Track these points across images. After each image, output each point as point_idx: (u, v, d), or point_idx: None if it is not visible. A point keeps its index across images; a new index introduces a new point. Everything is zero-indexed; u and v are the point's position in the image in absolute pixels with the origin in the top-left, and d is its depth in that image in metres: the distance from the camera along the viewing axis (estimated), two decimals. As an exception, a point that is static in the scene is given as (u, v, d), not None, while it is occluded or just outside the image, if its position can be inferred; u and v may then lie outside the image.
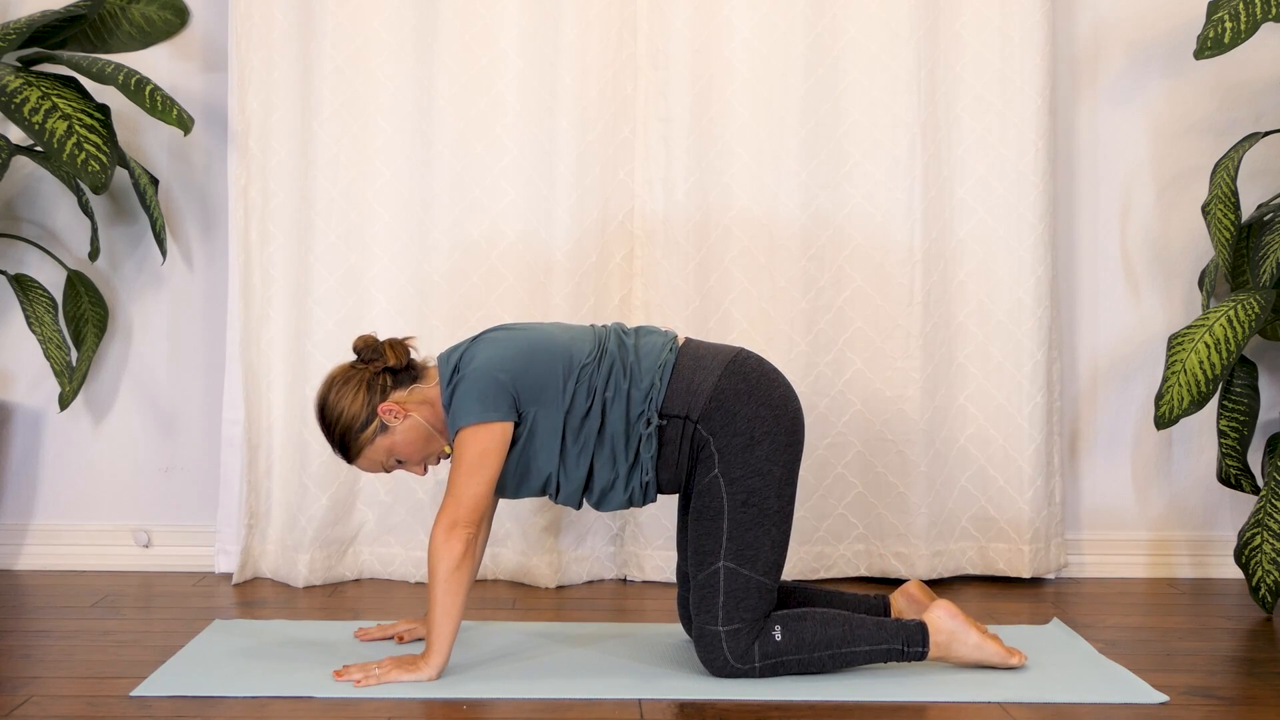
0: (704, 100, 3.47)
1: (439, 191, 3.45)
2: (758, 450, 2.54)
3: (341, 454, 2.63)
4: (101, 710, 2.38)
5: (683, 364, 2.60)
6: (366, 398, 2.58)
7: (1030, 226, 3.47)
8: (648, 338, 2.66)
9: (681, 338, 2.68)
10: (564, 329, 2.67)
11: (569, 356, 2.57)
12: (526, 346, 2.57)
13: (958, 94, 3.50)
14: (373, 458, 2.62)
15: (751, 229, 3.47)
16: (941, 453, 3.50)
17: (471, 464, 2.51)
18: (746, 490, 2.53)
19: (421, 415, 2.60)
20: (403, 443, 2.61)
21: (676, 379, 2.58)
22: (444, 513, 2.51)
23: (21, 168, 3.60)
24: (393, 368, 2.61)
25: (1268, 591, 3.12)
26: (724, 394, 2.55)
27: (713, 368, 2.59)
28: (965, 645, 2.57)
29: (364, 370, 2.60)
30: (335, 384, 2.61)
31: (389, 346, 2.62)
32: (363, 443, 2.59)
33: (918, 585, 2.76)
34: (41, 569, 3.58)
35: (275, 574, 3.46)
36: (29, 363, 3.62)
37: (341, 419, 2.58)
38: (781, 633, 2.52)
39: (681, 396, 2.56)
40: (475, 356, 2.56)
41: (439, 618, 2.50)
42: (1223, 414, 3.38)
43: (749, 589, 2.51)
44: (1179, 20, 3.61)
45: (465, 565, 2.50)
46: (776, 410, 2.58)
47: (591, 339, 2.63)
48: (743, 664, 2.51)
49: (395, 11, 3.45)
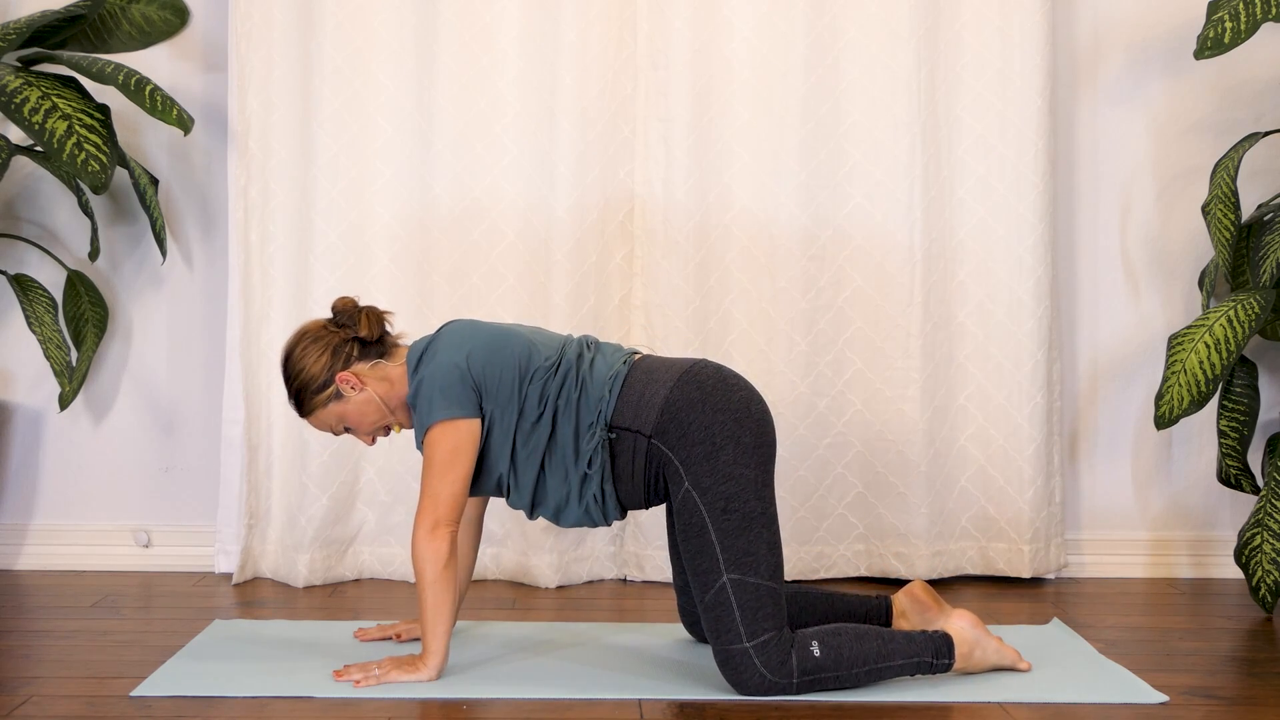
0: (704, 100, 3.47)
1: (439, 191, 3.45)
2: (722, 456, 2.48)
3: (295, 408, 2.64)
4: (101, 710, 2.38)
5: (635, 377, 2.55)
6: (329, 362, 2.58)
7: (1030, 226, 3.47)
8: (606, 352, 2.63)
9: (642, 354, 2.65)
10: (532, 331, 2.64)
11: (528, 358, 2.55)
12: (488, 341, 2.55)
13: (958, 94, 3.50)
14: (324, 419, 2.62)
15: (751, 229, 3.47)
16: (941, 453, 3.50)
17: (444, 462, 2.49)
18: (723, 497, 2.47)
19: (378, 391, 2.59)
20: (354, 413, 2.60)
21: (628, 391, 2.53)
22: (423, 514, 2.49)
23: (21, 168, 3.60)
24: (363, 338, 2.60)
25: (1268, 591, 3.12)
26: (676, 405, 2.50)
27: (665, 380, 2.54)
28: (986, 652, 2.57)
29: (335, 334, 2.60)
30: (305, 340, 2.61)
31: (365, 315, 2.61)
32: (316, 404, 2.60)
33: (923, 587, 2.72)
34: (41, 569, 3.58)
35: (275, 574, 3.46)
36: (29, 363, 3.62)
37: (300, 375, 2.59)
38: (820, 648, 2.45)
39: (632, 409, 2.52)
40: (438, 351, 2.54)
41: (431, 619, 2.50)
42: (1223, 414, 3.38)
43: (760, 596, 2.45)
44: (1179, 20, 3.61)
45: (453, 564, 2.49)
46: (737, 414, 2.51)
47: (555, 347, 2.60)
48: (780, 677, 2.43)
49: (395, 11, 3.45)
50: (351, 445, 3.46)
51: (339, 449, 3.44)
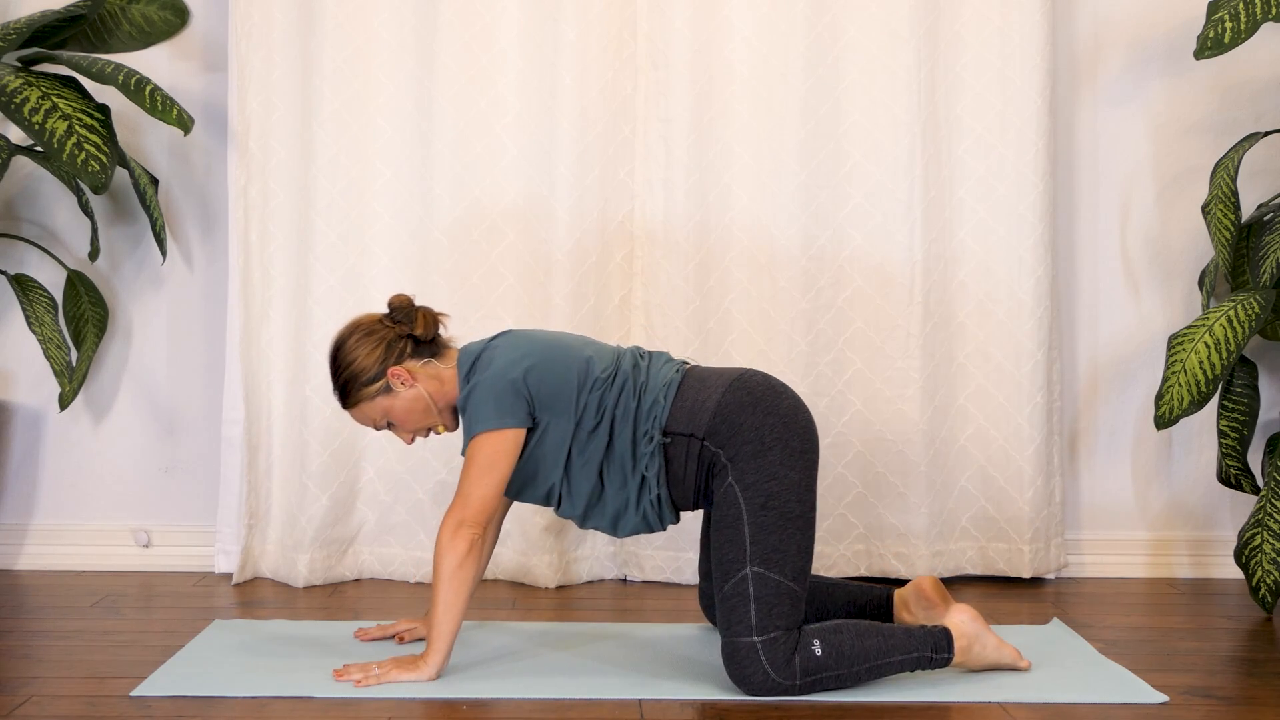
0: (704, 100, 3.47)
1: (439, 191, 3.45)
2: (770, 455, 2.52)
3: (340, 398, 2.65)
4: (101, 710, 2.38)
5: (688, 384, 2.61)
6: (382, 355, 2.60)
7: (1030, 226, 3.47)
8: (659, 361, 2.68)
9: (692, 364, 2.70)
10: (584, 342, 2.68)
11: (586, 368, 2.58)
12: (545, 352, 2.58)
13: (958, 94, 3.50)
14: (368, 412, 2.64)
15: (751, 229, 3.47)
16: (941, 453, 3.50)
17: (482, 467, 2.52)
18: (764, 494, 2.50)
19: (428, 389, 2.62)
20: (401, 409, 2.62)
21: (681, 398, 2.58)
22: (451, 512, 2.52)
23: (21, 168, 3.60)
24: (417, 336, 2.63)
25: (1268, 591, 3.12)
26: (727, 408, 2.55)
27: (716, 386, 2.59)
28: (985, 648, 2.57)
29: (390, 329, 2.62)
30: (358, 331, 2.63)
31: (422, 314, 2.64)
32: (363, 395, 2.61)
33: (933, 584, 2.73)
34: (41, 569, 3.58)
35: (275, 574, 3.46)
36: (29, 363, 3.62)
37: (351, 366, 2.60)
38: (821, 647, 2.46)
39: (686, 414, 2.56)
40: (494, 359, 2.57)
41: (441, 615, 2.51)
42: (1223, 414, 3.38)
43: (780, 594, 2.46)
44: (1179, 20, 3.61)
45: (469, 564, 2.50)
46: (785, 418, 2.56)
47: (610, 356, 2.64)
48: (784, 677, 2.44)
49: (395, 11, 3.45)
50: (351, 445, 3.46)
51: (339, 449, 3.44)
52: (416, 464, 3.46)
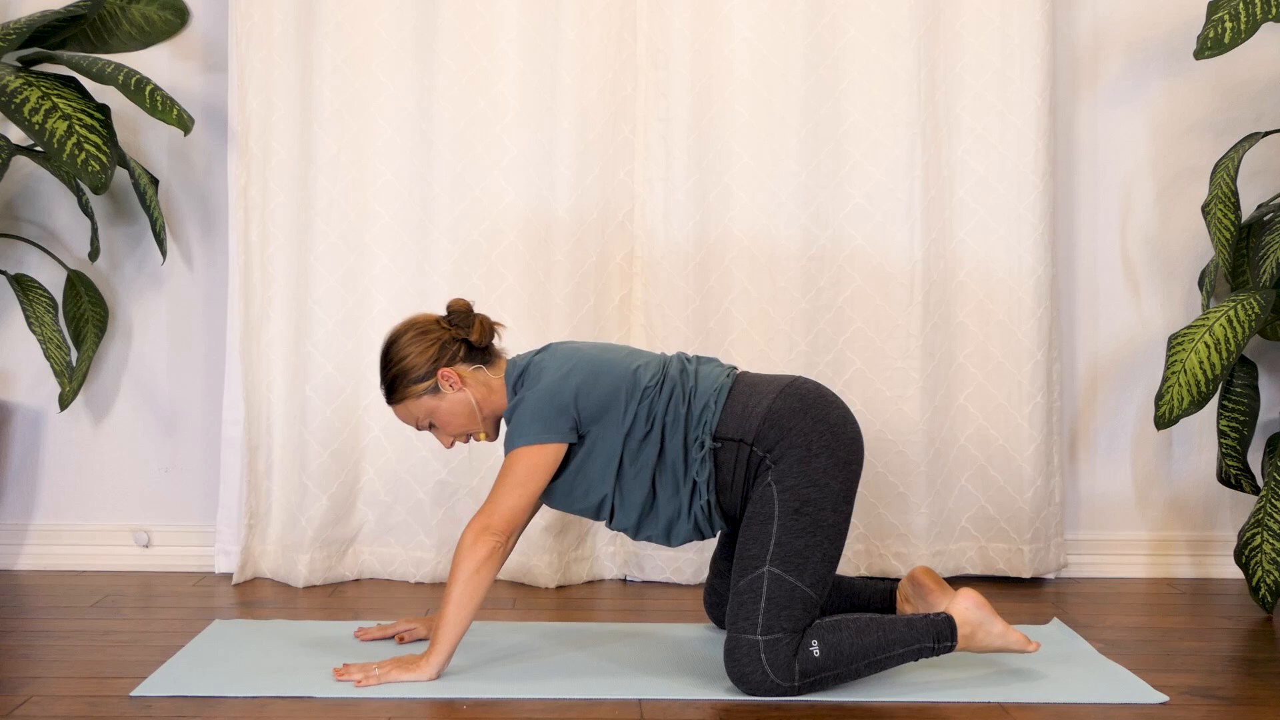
0: (704, 100, 3.47)
1: (439, 191, 3.45)
2: (815, 462, 2.52)
3: (386, 394, 2.66)
4: (101, 710, 2.38)
5: (738, 389, 2.61)
6: (435, 355, 2.61)
7: (1030, 226, 3.47)
8: (707, 366, 2.68)
9: (741, 370, 2.71)
10: (630, 352, 2.68)
11: (634, 379, 2.59)
12: (593, 367, 2.59)
13: (958, 94, 3.50)
14: (412, 410, 2.65)
15: (751, 228, 3.47)
16: (941, 453, 3.50)
17: (518, 478, 2.53)
18: (800, 499, 2.50)
19: (475, 395, 2.63)
20: (445, 411, 2.63)
21: (731, 403, 2.58)
22: (479, 517, 2.53)
23: (21, 168, 3.60)
24: (472, 342, 2.64)
25: (1268, 591, 3.12)
26: (777, 413, 2.55)
27: (767, 392, 2.59)
28: (990, 635, 2.56)
29: (446, 331, 2.64)
30: (414, 329, 2.64)
31: (479, 321, 2.65)
32: (409, 393, 2.62)
33: (925, 571, 2.72)
34: (41, 569, 3.58)
35: (275, 574, 3.46)
36: (29, 363, 3.62)
37: (402, 363, 2.61)
38: (819, 647, 2.46)
39: (736, 419, 2.56)
40: (543, 373, 2.58)
41: (449, 617, 2.50)
42: (1223, 414, 3.38)
43: (793, 598, 2.47)
44: (1179, 20, 3.61)
45: (486, 570, 2.51)
46: (835, 427, 2.57)
47: (657, 364, 2.64)
48: (784, 679, 2.44)
49: (395, 11, 3.45)
50: (351, 445, 3.46)
51: (339, 449, 3.44)
52: (416, 464, 3.46)
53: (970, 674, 2.61)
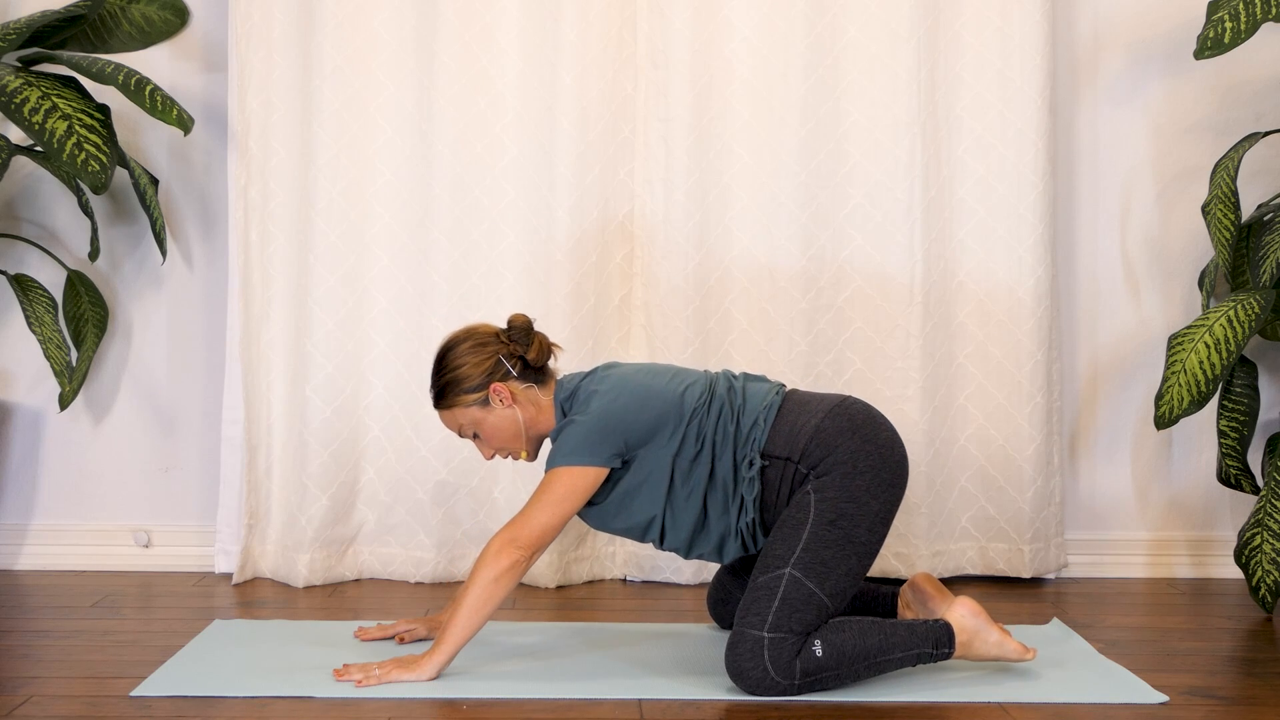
0: (704, 100, 3.47)
1: (439, 191, 3.45)
2: (858, 480, 2.53)
3: (435, 398, 2.66)
4: (101, 710, 2.38)
5: (787, 408, 2.61)
6: (490, 368, 2.62)
7: (1030, 226, 3.47)
8: (755, 383, 2.68)
9: (790, 388, 2.71)
10: (675, 373, 2.67)
11: (680, 403, 2.59)
12: (640, 394, 2.58)
13: (958, 94, 3.50)
14: (458, 418, 2.65)
15: (751, 229, 3.47)
16: (941, 453, 3.50)
17: (555, 496, 2.53)
18: (837, 511, 2.51)
19: (524, 413, 2.64)
20: (492, 425, 2.64)
21: (780, 421, 2.59)
22: (509, 528, 2.52)
23: (21, 168, 3.60)
24: (528, 360, 2.64)
25: (1268, 591, 3.12)
26: (825, 432, 2.56)
27: (816, 410, 2.59)
28: (986, 643, 2.56)
29: (504, 346, 2.64)
30: (473, 339, 2.65)
31: (538, 340, 2.66)
32: (459, 401, 2.63)
33: (925, 578, 2.74)
34: (41, 569, 3.58)
35: (275, 574, 3.46)
36: (29, 363, 3.62)
37: (457, 371, 2.62)
38: (822, 647, 2.46)
39: (784, 438, 2.57)
40: (591, 398, 2.58)
41: (460, 620, 2.50)
42: (1223, 414, 3.38)
43: (808, 603, 2.47)
44: (1179, 20, 3.61)
45: (505, 582, 2.50)
46: (882, 449, 2.57)
47: (703, 383, 2.64)
48: (784, 677, 2.44)
49: (395, 11, 3.45)
50: (351, 445, 3.46)
51: (339, 449, 3.44)
52: (416, 464, 3.46)
53: (970, 674, 2.61)
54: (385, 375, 3.47)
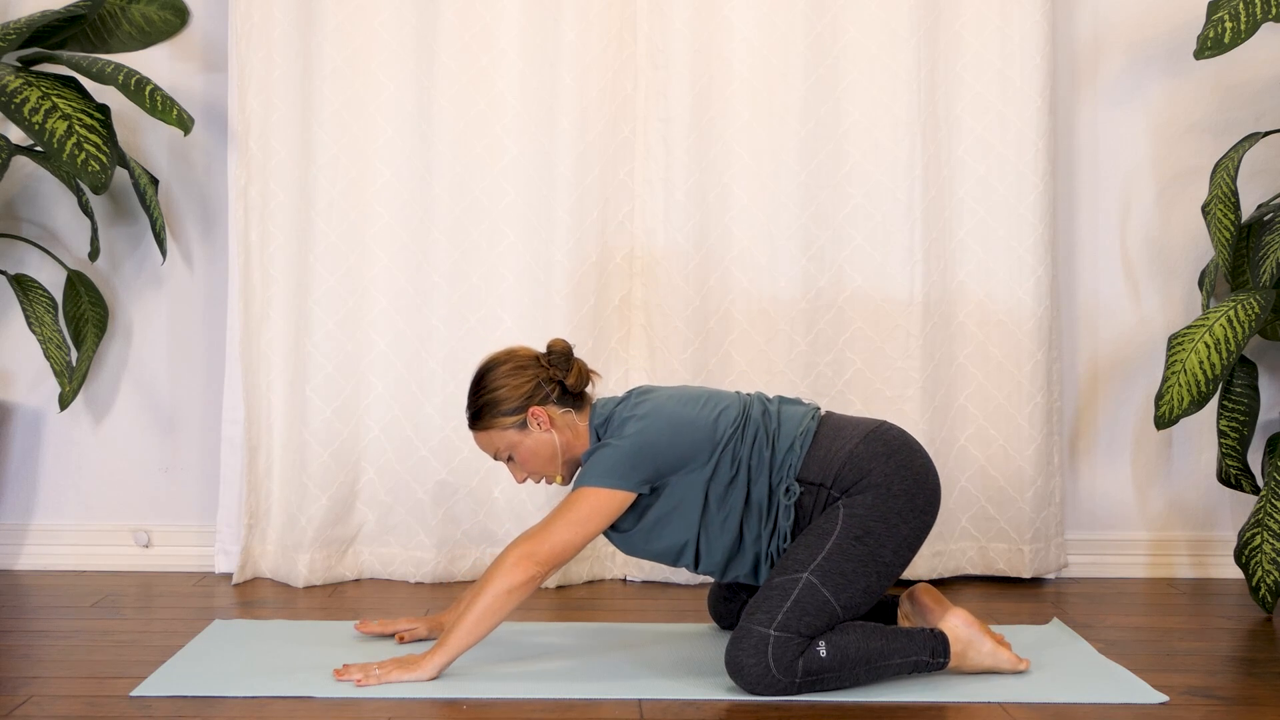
0: (704, 100, 3.47)
1: (439, 191, 3.45)
2: (892, 503, 2.53)
3: (471, 419, 2.65)
4: (101, 710, 2.38)
5: (823, 433, 2.61)
6: (529, 391, 2.61)
7: (1030, 226, 3.47)
8: (790, 407, 2.67)
9: (826, 411, 2.69)
10: (708, 397, 2.65)
11: (714, 430, 2.57)
12: (674, 423, 2.56)
13: (958, 94, 3.50)
14: (494, 440, 2.64)
15: (751, 229, 3.47)
16: (941, 453, 3.50)
17: (579, 515, 2.52)
18: (865, 529, 2.51)
19: (560, 438, 2.63)
20: (528, 449, 2.63)
21: (815, 446, 2.58)
22: (528, 541, 2.51)
23: (21, 168, 3.60)
24: (567, 385, 2.63)
25: (1268, 591, 3.12)
26: (859, 457, 2.55)
27: (851, 436, 2.59)
28: (979, 653, 2.57)
29: (544, 370, 2.63)
30: (512, 361, 2.64)
31: (578, 366, 2.65)
32: (496, 424, 2.62)
33: (925, 589, 2.73)
34: (41, 569, 3.58)
35: (275, 574, 3.46)
36: (29, 363, 3.62)
37: (495, 393, 2.61)
38: (826, 648, 2.46)
39: (819, 464, 2.56)
40: (626, 424, 2.57)
41: (467, 625, 2.49)
42: (1223, 414, 3.38)
43: (820, 609, 2.47)
44: (1179, 20, 3.61)
45: (517, 595, 2.49)
46: (918, 476, 2.57)
47: (737, 406, 2.63)
48: (785, 675, 2.43)
49: (395, 11, 3.45)
50: (351, 445, 3.46)
51: (339, 449, 3.44)
52: (416, 464, 3.46)
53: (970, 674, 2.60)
54: (385, 375, 3.47)
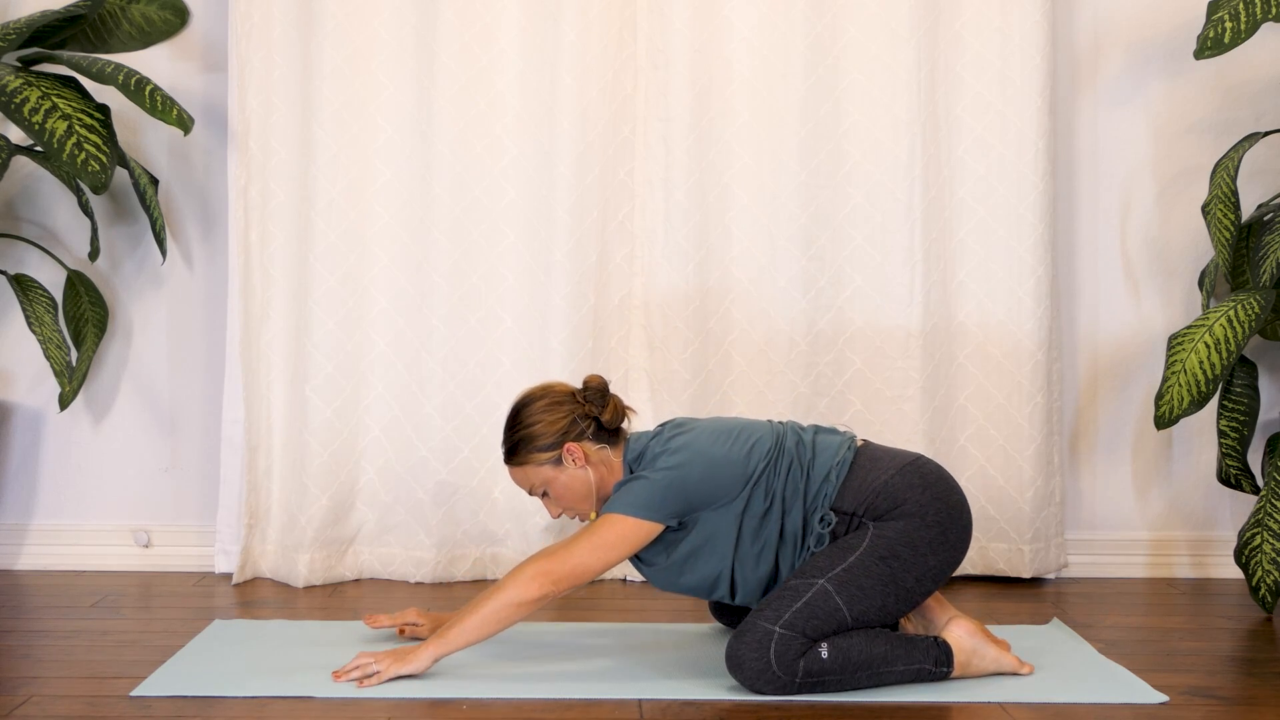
0: (704, 100, 3.47)
1: (439, 191, 3.45)
2: (924, 532, 2.52)
3: (507, 454, 2.64)
4: (101, 710, 2.38)
5: (860, 463, 2.59)
6: (564, 428, 2.59)
7: (1030, 226, 3.47)
8: (826, 436, 2.65)
9: (860, 440, 2.68)
10: (742, 430, 2.62)
11: (746, 465, 2.56)
12: (707, 461, 2.54)
13: (958, 94, 3.50)
14: (529, 476, 2.62)
15: (751, 229, 3.47)
16: (941, 453, 3.50)
17: (604, 541, 2.50)
18: (891, 551, 2.50)
19: (596, 474, 2.62)
20: (563, 485, 2.62)
21: (852, 477, 2.57)
22: (546, 559, 2.49)
23: (21, 168, 3.60)
24: (603, 421, 2.62)
25: (1268, 591, 3.12)
26: (894, 487, 2.54)
27: (887, 467, 2.58)
28: (984, 660, 2.57)
29: (580, 406, 2.62)
30: (548, 397, 2.62)
31: (614, 403, 2.63)
32: (531, 460, 2.60)
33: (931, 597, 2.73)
34: (41, 569, 3.58)
35: (275, 574, 3.46)
36: (29, 363, 3.62)
37: (531, 428, 2.59)
38: (828, 650, 2.46)
39: (854, 493, 2.55)
40: (659, 459, 2.56)
41: (470, 624, 2.49)
42: (1223, 414, 3.38)
43: (830, 615, 2.46)
44: (1179, 20, 3.61)
45: (525, 610, 2.49)
46: (952, 510, 2.57)
47: (770, 437, 2.61)
48: (783, 672, 2.43)
49: (395, 11, 3.45)
50: (351, 445, 3.46)
51: (339, 449, 3.44)
52: (416, 464, 3.46)
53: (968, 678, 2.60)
54: (385, 375, 3.47)
